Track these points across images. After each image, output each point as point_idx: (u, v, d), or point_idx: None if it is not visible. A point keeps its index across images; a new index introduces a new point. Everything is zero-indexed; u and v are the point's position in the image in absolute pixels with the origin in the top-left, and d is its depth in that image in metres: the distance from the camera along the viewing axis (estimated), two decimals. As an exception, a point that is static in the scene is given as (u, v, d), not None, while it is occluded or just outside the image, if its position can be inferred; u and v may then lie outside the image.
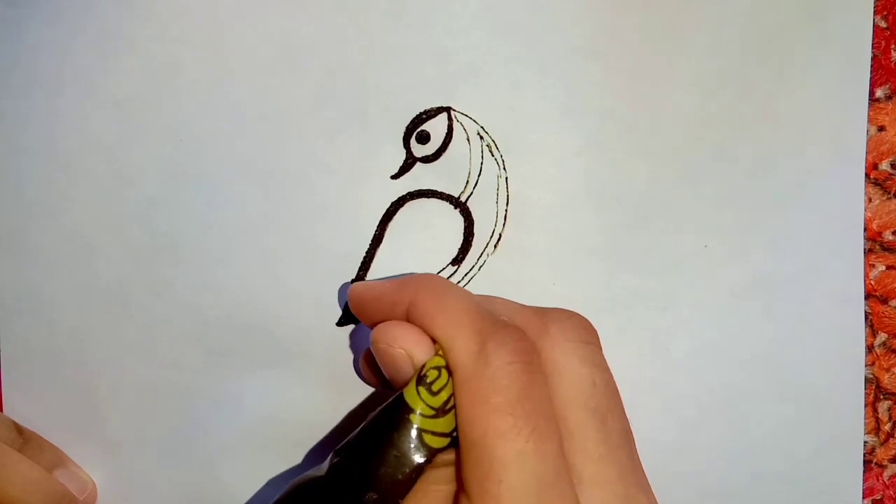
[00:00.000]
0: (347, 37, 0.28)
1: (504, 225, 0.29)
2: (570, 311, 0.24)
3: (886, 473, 0.30)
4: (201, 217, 0.29)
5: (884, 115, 0.29)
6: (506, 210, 0.29)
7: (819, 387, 0.29)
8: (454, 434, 0.21)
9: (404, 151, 0.29)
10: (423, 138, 0.29)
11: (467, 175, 0.29)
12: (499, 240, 0.29)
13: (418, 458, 0.21)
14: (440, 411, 0.21)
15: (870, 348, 0.30)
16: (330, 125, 0.29)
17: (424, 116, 0.29)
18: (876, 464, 0.30)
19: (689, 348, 0.30)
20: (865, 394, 0.30)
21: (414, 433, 0.21)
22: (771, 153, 0.29)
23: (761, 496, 0.30)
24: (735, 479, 0.30)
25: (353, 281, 0.29)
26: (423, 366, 0.22)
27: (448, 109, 0.29)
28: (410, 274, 0.29)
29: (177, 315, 0.29)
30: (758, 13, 0.28)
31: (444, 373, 0.21)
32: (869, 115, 0.29)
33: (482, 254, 0.29)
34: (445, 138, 0.29)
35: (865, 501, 0.30)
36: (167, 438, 0.30)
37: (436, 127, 0.29)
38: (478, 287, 0.29)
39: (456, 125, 0.29)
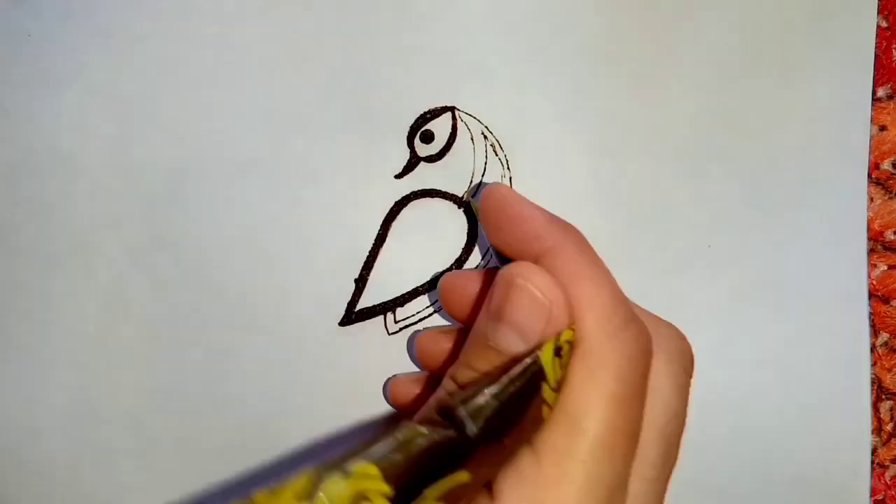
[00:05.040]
0: (352, 36, 0.28)
1: (509, 224, 0.29)
2: (680, 333, 0.23)
3: (888, 474, 0.30)
4: (204, 216, 0.29)
5: (885, 114, 0.29)
6: (511, 209, 0.29)
7: (824, 388, 0.29)
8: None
9: (408, 151, 0.29)
10: (428, 138, 0.29)
11: (471, 174, 0.29)
12: (503, 239, 0.29)
13: (538, 425, 0.20)
14: (557, 387, 0.20)
15: (871, 348, 0.30)
16: (334, 124, 0.28)
17: (429, 116, 0.29)
18: (878, 464, 0.30)
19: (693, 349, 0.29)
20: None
21: (542, 402, 0.20)
22: (774, 154, 0.29)
23: (767, 498, 0.30)
24: (740, 482, 0.30)
25: (356, 280, 0.29)
26: (559, 336, 0.20)
27: (452, 109, 0.29)
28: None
29: (177, 315, 0.29)
30: (761, 14, 0.29)
31: (570, 349, 0.20)
32: (871, 116, 0.29)
33: (486, 254, 0.29)
34: (449, 138, 0.29)
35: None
36: (166, 439, 0.29)
37: (440, 126, 0.29)
38: (482, 287, 0.29)
39: (460, 125, 0.29)
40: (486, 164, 0.29)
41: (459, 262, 0.29)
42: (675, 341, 0.23)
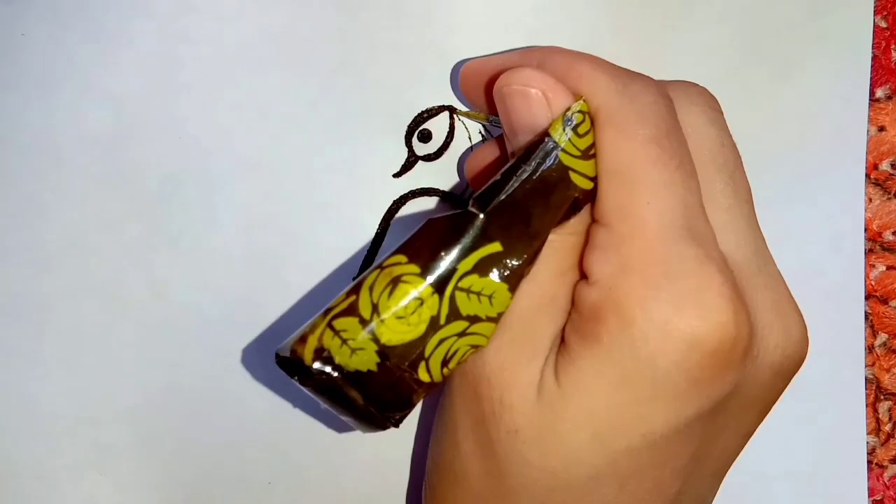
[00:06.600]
0: (349, 35, 0.28)
1: (506, 223, 0.29)
2: (691, 82, 0.24)
3: (887, 474, 0.30)
4: (202, 215, 0.29)
5: (884, 115, 0.29)
6: (508, 208, 0.29)
7: (820, 386, 0.29)
8: (594, 181, 0.21)
9: (406, 150, 0.29)
10: (425, 137, 0.29)
11: (469, 174, 0.29)
12: (500, 239, 0.29)
13: (571, 192, 0.21)
14: (585, 155, 0.21)
15: (870, 349, 0.30)
16: (331, 123, 0.29)
17: (426, 115, 0.29)
18: (876, 464, 0.30)
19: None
20: (866, 394, 0.30)
21: (567, 170, 0.20)
22: (771, 152, 0.29)
23: (763, 497, 0.30)
24: (735, 480, 0.30)
25: (354, 279, 0.29)
26: (569, 108, 0.21)
27: (450, 108, 0.29)
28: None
29: (176, 315, 0.29)
30: (758, 12, 0.29)
31: (588, 118, 0.21)
32: (869, 116, 0.29)
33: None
34: (447, 137, 0.29)
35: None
36: (167, 440, 0.29)
37: (437, 125, 0.29)
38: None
39: (458, 124, 0.29)
40: (483, 163, 0.29)
41: (457, 261, 0.29)
42: (688, 87, 0.23)
